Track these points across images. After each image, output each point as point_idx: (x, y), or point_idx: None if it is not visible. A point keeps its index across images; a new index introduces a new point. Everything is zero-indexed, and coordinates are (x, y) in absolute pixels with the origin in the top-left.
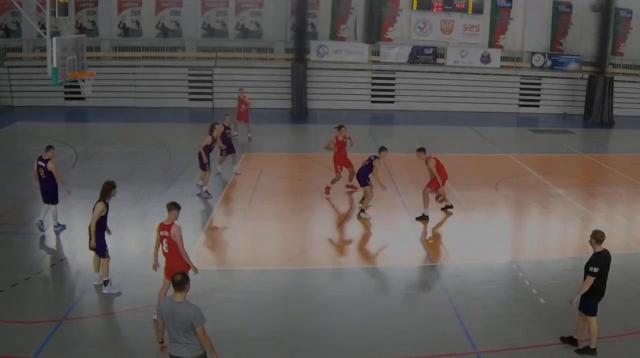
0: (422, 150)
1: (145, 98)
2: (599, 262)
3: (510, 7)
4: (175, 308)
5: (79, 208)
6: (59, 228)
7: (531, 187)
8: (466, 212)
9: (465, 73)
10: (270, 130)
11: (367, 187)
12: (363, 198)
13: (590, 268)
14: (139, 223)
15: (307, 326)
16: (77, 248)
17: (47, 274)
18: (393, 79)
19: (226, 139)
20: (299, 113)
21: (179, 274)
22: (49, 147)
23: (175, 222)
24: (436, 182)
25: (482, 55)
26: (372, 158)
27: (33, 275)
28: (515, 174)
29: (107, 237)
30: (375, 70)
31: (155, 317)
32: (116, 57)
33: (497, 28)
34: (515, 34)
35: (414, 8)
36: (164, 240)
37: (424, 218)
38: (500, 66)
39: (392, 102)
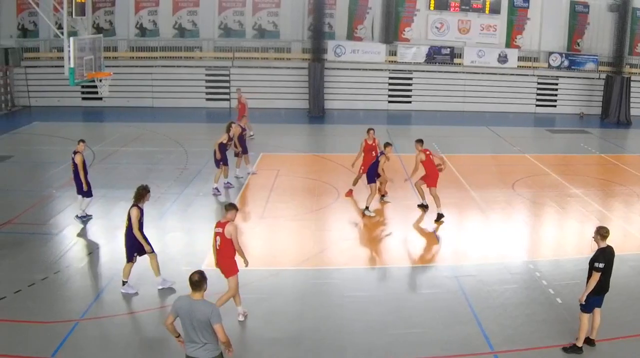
0: (419, 141)
1: (162, 98)
2: (604, 258)
3: (528, 7)
4: (193, 306)
5: (97, 208)
6: (78, 219)
7: (548, 187)
8: (483, 211)
9: (483, 73)
10: (287, 130)
11: (373, 185)
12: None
13: (596, 264)
14: (156, 224)
15: (324, 326)
16: (94, 248)
17: (64, 274)
18: (410, 79)
19: (242, 139)
20: (316, 113)
21: (196, 274)
22: (80, 141)
23: (232, 221)
24: (430, 178)
25: (499, 55)
26: (379, 155)
27: (50, 275)
28: (532, 174)
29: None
30: (393, 70)
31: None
32: (133, 57)
33: (515, 28)
34: (533, 34)
35: (431, 8)
36: (217, 237)
37: (441, 218)
38: (518, 66)
39: (409, 102)
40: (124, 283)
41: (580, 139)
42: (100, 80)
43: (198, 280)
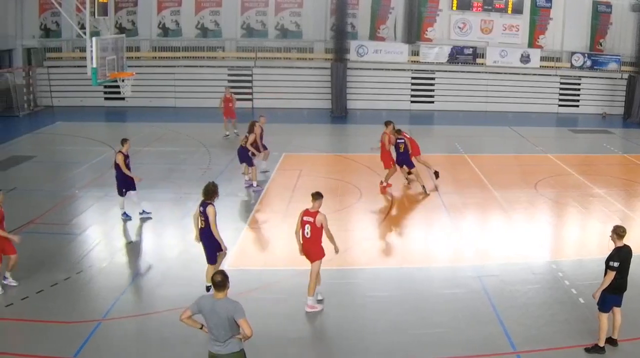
0: (397, 131)
1: (185, 98)
2: (620, 257)
3: (550, 7)
4: (216, 305)
5: (119, 209)
6: (125, 217)
7: (571, 187)
8: (506, 211)
9: (505, 73)
10: (310, 130)
11: (415, 169)
12: (411, 179)
13: (611, 263)
14: (178, 223)
15: (346, 325)
16: (116, 248)
17: (87, 274)
18: (433, 79)
19: (261, 138)
20: (339, 113)
21: (218, 274)
22: (123, 140)
23: (320, 210)
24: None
25: (522, 55)
26: (401, 141)
27: (72, 275)
28: (554, 174)
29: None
30: (415, 70)
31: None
32: (156, 57)
33: (537, 28)
34: (555, 34)
35: (454, 8)
36: (307, 226)
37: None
38: (540, 66)
39: (432, 102)
40: (208, 288)
41: (603, 139)
42: (123, 80)
43: (221, 280)
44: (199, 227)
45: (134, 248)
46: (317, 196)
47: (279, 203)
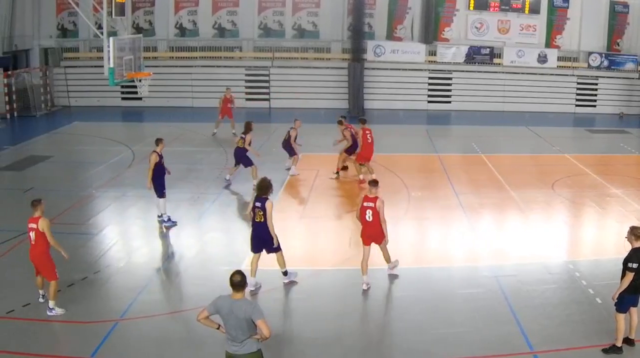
0: (342, 120)
1: (202, 98)
2: (638, 258)
3: (567, 7)
4: (234, 305)
5: (137, 208)
6: (169, 223)
7: (588, 187)
8: (523, 211)
9: (522, 73)
10: (327, 130)
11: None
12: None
13: (630, 264)
14: (195, 224)
15: (364, 326)
16: (133, 248)
17: (104, 274)
18: (450, 79)
19: (294, 141)
20: (356, 113)
21: (237, 275)
22: (157, 140)
23: (379, 196)
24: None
25: (539, 55)
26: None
27: (90, 275)
28: (572, 174)
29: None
30: (432, 70)
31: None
32: (173, 57)
33: (554, 28)
34: (572, 33)
35: (471, 8)
36: (368, 211)
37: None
38: (557, 66)
39: (449, 102)
40: (285, 273)
41: (620, 139)
42: (140, 80)
43: (240, 281)
44: (257, 220)
45: (151, 248)
46: (374, 183)
47: (296, 203)
